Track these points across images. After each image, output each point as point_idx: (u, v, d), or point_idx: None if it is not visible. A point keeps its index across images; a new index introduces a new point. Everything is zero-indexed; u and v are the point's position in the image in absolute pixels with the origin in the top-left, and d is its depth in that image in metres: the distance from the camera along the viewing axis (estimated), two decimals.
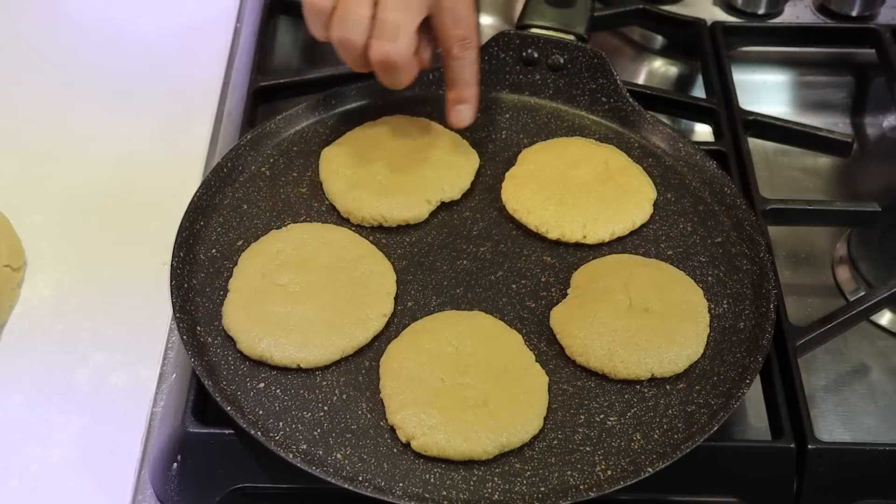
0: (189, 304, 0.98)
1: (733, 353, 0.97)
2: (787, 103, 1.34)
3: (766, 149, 1.26)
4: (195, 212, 1.04)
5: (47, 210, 1.15)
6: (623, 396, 0.94)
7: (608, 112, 1.16)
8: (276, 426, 0.91)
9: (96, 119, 1.25)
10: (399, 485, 0.88)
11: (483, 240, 1.06)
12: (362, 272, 1.00)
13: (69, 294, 1.08)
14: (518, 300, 1.01)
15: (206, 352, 0.95)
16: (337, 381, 0.94)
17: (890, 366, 1.07)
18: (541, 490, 0.88)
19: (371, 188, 1.06)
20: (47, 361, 1.02)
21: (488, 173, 1.11)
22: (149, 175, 1.19)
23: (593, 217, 1.05)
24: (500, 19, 1.42)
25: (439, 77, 1.17)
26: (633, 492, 0.89)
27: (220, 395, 0.91)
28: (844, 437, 1.01)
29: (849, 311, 1.02)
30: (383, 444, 0.90)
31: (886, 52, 1.28)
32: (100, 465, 0.96)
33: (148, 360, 1.03)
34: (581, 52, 1.17)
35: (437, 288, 1.02)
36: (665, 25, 1.34)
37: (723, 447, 0.92)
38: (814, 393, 1.04)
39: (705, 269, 1.03)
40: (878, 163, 1.30)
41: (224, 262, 1.02)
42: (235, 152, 1.09)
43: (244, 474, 0.92)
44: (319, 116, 1.15)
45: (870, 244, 1.14)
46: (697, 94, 1.29)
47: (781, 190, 1.23)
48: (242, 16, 1.36)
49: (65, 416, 0.99)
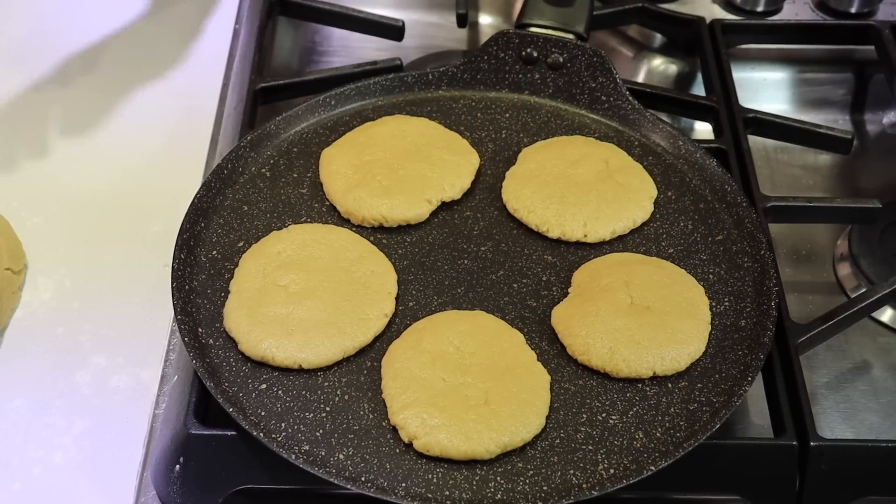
0: (190, 306, 0.98)
1: (735, 350, 0.97)
2: (786, 101, 1.34)
3: (767, 146, 1.26)
4: (196, 213, 1.04)
5: (48, 212, 1.15)
6: (625, 395, 0.94)
7: (608, 111, 1.16)
8: (279, 427, 0.91)
9: (96, 121, 1.25)
10: (402, 485, 0.88)
11: (484, 239, 1.06)
12: (363, 272, 1.00)
13: (70, 296, 1.08)
14: (519, 299, 1.01)
15: (207, 353, 0.95)
16: (339, 381, 0.94)
17: (892, 362, 1.07)
18: (543, 489, 0.88)
19: (371, 188, 1.06)
20: (49, 364, 1.02)
21: (489, 173, 1.11)
22: (149, 177, 1.19)
23: (594, 216, 1.05)
24: (500, 19, 1.42)
25: (439, 77, 1.18)
26: (636, 490, 0.89)
27: (221, 397, 0.91)
28: (846, 434, 1.01)
29: (850, 307, 1.02)
30: (385, 444, 0.90)
31: (886, 49, 1.27)
32: (102, 467, 0.96)
33: (149, 362, 1.03)
34: (581, 50, 1.17)
35: (438, 287, 1.02)
36: (664, 23, 1.34)
37: (725, 445, 0.92)
38: (815, 390, 1.04)
39: (706, 266, 1.03)
40: (879, 159, 1.30)
41: (225, 264, 1.02)
42: (236, 153, 1.09)
43: (247, 475, 0.92)
44: (319, 117, 1.15)
45: (871, 241, 1.14)
46: (697, 93, 1.28)
47: (782, 187, 1.23)
48: (241, 17, 1.36)
49: (67, 418, 0.99)
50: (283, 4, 1.33)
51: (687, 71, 1.36)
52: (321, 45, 1.40)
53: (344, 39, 1.39)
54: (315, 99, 1.15)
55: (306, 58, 1.39)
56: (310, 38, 1.41)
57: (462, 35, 1.40)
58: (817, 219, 1.14)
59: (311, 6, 1.32)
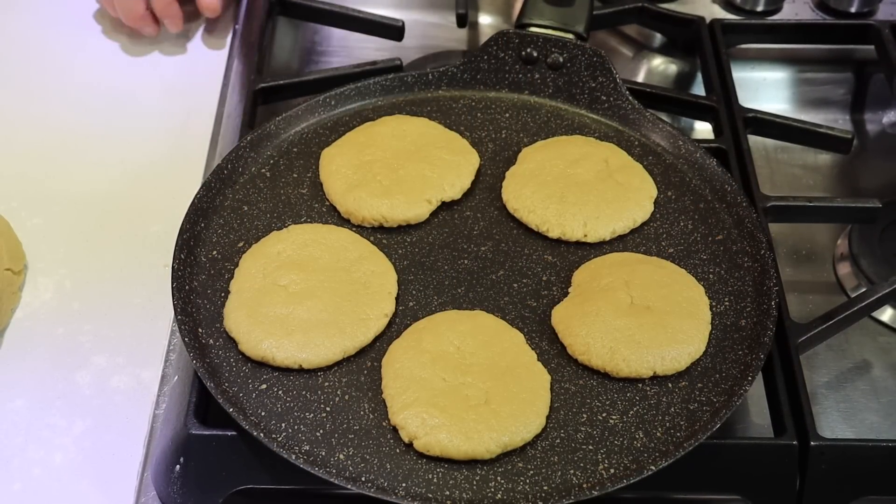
0: (190, 306, 0.98)
1: (735, 350, 0.97)
2: (786, 100, 1.34)
3: (767, 146, 1.26)
4: (196, 213, 1.04)
5: (48, 213, 1.15)
6: (625, 395, 0.94)
7: (608, 110, 1.16)
8: (279, 427, 0.91)
9: (96, 122, 1.25)
10: (402, 485, 0.88)
11: (484, 239, 1.06)
12: (363, 272, 1.00)
13: (70, 297, 1.08)
14: (519, 299, 1.01)
15: (207, 353, 0.95)
16: (339, 381, 0.94)
17: (892, 362, 1.07)
18: (543, 489, 0.88)
19: (372, 188, 1.06)
20: (49, 364, 1.02)
21: (489, 173, 1.11)
22: (149, 178, 1.19)
23: (594, 215, 1.05)
24: (500, 19, 1.42)
25: (439, 77, 1.18)
26: (636, 490, 0.89)
27: (222, 397, 0.91)
28: (847, 434, 1.01)
29: (850, 307, 1.02)
30: (386, 444, 0.90)
31: (886, 49, 1.27)
32: (102, 467, 0.96)
33: (149, 363, 1.03)
34: (581, 50, 1.17)
35: (438, 287, 1.02)
36: (664, 23, 1.34)
37: (725, 444, 0.92)
38: (816, 390, 1.04)
39: (706, 266, 1.03)
40: (879, 159, 1.30)
41: (225, 264, 1.02)
42: (236, 154, 1.09)
43: (247, 475, 0.92)
44: (319, 117, 1.15)
45: (871, 240, 1.14)
46: (697, 92, 1.29)
47: (782, 187, 1.23)
48: (241, 17, 1.36)
49: (67, 419, 0.99)
50: (283, 5, 1.33)
51: (687, 71, 1.36)
52: (321, 46, 1.40)
53: (344, 39, 1.39)
54: (315, 99, 1.15)
55: (306, 58, 1.39)
56: (310, 38, 1.41)
57: (462, 35, 1.40)
58: (817, 218, 1.14)
59: (310, 6, 1.32)
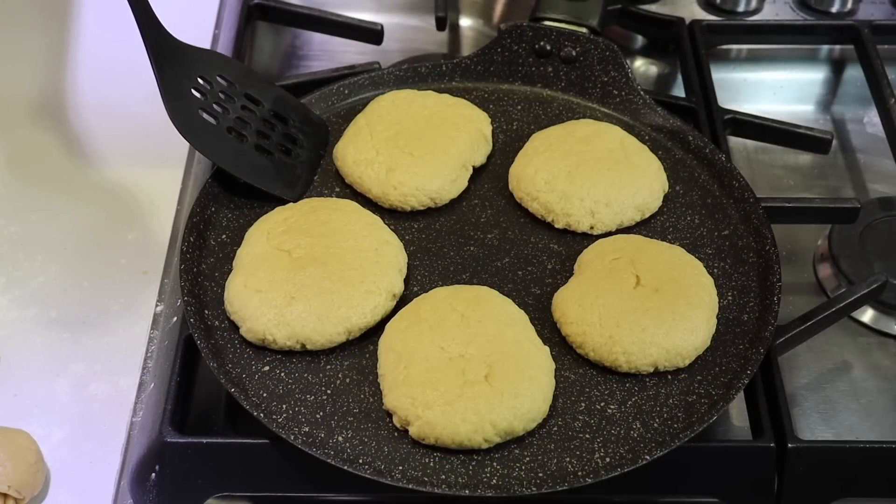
0: (198, 288, 0.99)
1: (736, 344, 0.97)
2: (766, 101, 1.34)
3: (747, 147, 1.26)
4: (207, 197, 1.05)
5: (25, 221, 1.14)
6: (624, 385, 0.94)
7: (620, 105, 1.16)
8: (280, 409, 0.91)
9: (74, 128, 1.24)
10: (398, 468, 0.88)
11: (491, 227, 1.06)
12: (375, 239, 0.99)
13: (48, 305, 1.07)
14: (523, 286, 1.01)
15: (212, 335, 0.96)
16: (341, 364, 0.95)
17: (872, 363, 1.07)
18: (539, 476, 0.88)
19: (407, 169, 1.06)
20: (26, 373, 1.02)
21: (498, 162, 1.12)
22: (127, 184, 1.18)
23: (603, 202, 1.05)
24: (480, 21, 1.42)
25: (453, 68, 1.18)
26: (615, 493, 0.89)
27: (224, 378, 0.92)
28: (826, 435, 1.01)
29: (829, 308, 1.02)
30: (384, 427, 0.91)
31: (866, 49, 1.28)
32: (80, 475, 0.95)
33: (127, 370, 1.02)
34: (593, 44, 1.17)
35: (443, 273, 1.02)
36: (644, 25, 1.34)
37: (704, 447, 0.92)
38: (796, 391, 1.04)
39: (712, 261, 1.03)
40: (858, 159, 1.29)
41: (233, 248, 1.02)
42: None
43: (223, 483, 0.92)
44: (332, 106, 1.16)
45: (851, 241, 1.13)
46: (677, 94, 1.29)
47: (762, 188, 1.22)
48: (221, 22, 1.35)
49: (45, 427, 0.98)
50: (262, 9, 1.33)
51: (667, 72, 1.36)
52: (301, 50, 1.40)
53: (324, 44, 1.39)
54: (329, 88, 1.16)
55: (287, 62, 1.39)
56: (290, 42, 1.41)
57: (442, 38, 1.40)
58: (797, 219, 1.14)
59: (289, 11, 1.32)
